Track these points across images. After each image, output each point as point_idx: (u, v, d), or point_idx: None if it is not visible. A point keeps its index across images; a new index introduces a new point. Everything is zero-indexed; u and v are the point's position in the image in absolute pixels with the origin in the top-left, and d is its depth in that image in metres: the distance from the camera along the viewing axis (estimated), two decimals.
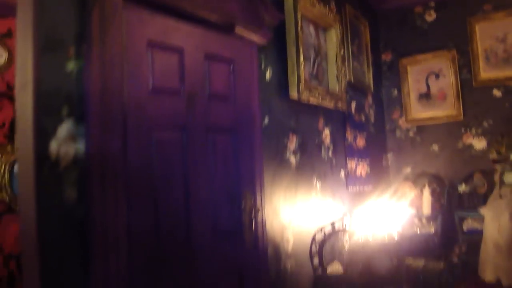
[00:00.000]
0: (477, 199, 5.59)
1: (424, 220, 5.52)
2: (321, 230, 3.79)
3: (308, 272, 3.81)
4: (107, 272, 2.05)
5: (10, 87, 3.25)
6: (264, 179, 3.32)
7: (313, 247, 3.74)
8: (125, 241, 2.13)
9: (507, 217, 4.32)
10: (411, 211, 5.49)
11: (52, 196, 1.99)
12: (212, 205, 2.77)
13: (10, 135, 3.22)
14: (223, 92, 2.95)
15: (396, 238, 3.77)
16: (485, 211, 4.67)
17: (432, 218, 5.48)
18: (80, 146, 2.09)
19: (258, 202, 3.11)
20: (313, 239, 3.75)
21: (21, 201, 2.03)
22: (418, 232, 5.42)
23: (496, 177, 4.71)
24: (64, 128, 2.04)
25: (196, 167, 2.66)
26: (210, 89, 2.82)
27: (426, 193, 5.47)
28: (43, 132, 1.98)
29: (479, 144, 5.82)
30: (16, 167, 2.82)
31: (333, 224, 3.83)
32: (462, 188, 4.72)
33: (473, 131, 5.87)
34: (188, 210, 2.60)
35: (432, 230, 5.40)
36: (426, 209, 5.44)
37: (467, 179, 5.01)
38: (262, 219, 3.16)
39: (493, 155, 4.70)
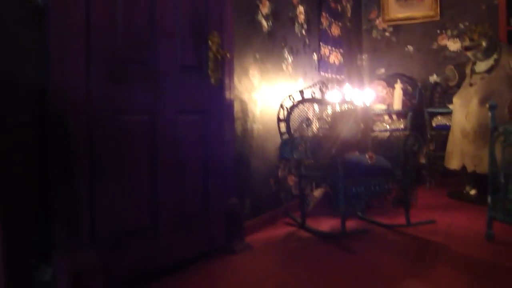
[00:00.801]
0: (448, 97, 5.56)
1: (394, 117, 5.48)
2: (290, 97, 3.66)
3: (274, 137, 3.71)
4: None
5: None
6: (235, 37, 3.14)
7: (281, 113, 3.62)
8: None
9: (475, 103, 4.27)
10: (382, 106, 5.44)
11: None
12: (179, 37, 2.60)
13: None
14: None
15: (365, 105, 3.69)
16: (454, 99, 4.62)
17: (402, 115, 5.44)
18: None
19: (226, 43, 2.92)
20: (281, 105, 3.63)
21: None
22: (388, 128, 5.40)
23: (468, 69, 4.63)
24: None
25: None
26: None
27: (398, 89, 5.40)
28: None
29: (454, 45, 5.74)
30: None
31: (301, 92, 3.70)
32: (433, 78, 4.63)
33: (449, 32, 5.77)
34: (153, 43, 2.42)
35: (402, 126, 5.37)
36: (397, 104, 5.39)
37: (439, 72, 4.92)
38: (230, 62, 2.99)
39: (466, 42, 4.60)
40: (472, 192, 4.70)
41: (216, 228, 2.91)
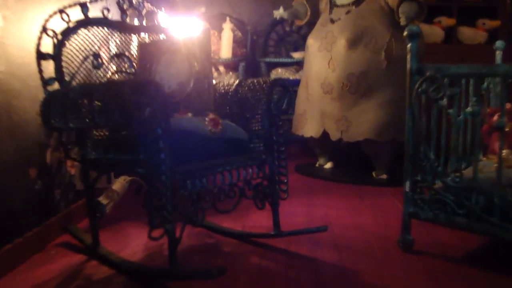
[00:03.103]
0: (286, 48, 4.41)
1: (221, 68, 4.10)
2: (62, 14, 1.94)
3: (34, 89, 1.97)
4: None
5: None
6: None
7: (45, 44, 1.88)
8: None
9: (341, 45, 3.12)
10: None
11: None
12: None
13: None
14: None
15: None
16: (309, 41, 3.41)
17: (232, 66, 4.10)
18: None
19: None
20: (45, 29, 1.89)
21: None
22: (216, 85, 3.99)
23: (324, 1, 3.45)
24: None
25: None
26: None
27: (227, 31, 4.01)
28: None
29: None
30: None
31: (84, 7, 2.01)
32: (279, 12, 3.39)
33: None
34: None
35: (232, 80, 4.01)
36: (226, 51, 4.01)
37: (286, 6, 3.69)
38: None
39: None
40: (328, 165, 3.64)
41: None
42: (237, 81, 2.21)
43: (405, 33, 1.95)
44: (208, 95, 2.00)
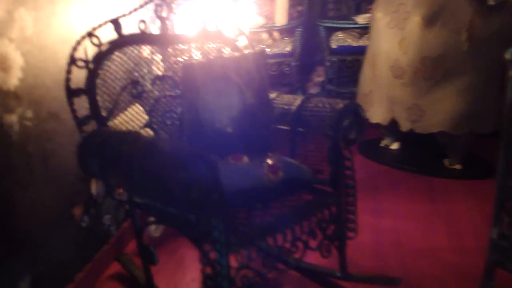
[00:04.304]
0: (348, 7, 3.93)
1: (276, 35, 3.70)
2: (92, 37, 1.65)
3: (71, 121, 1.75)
4: None
5: None
6: None
7: (76, 77, 1.63)
8: None
9: (416, 23, 2.65)
10: (259, 20, 3.59)
11: None
12: None
13: None
14: None
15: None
16: (376, 13, 2.94)
17: (287, 31, 3.68)
18: None
19: None
20: (72, 59, 1.61)
21: None
22: (268, 51, 3.63)
23: None
24: None
25: None
26: None
27: None
28: None
29: None
30: None
31: (117, 24, 1.71)
32: None
33: None
34: None
35: (288, 48, 3.64)
36: (280, 17, 3.58)
37: None
38: None
39: None
40: (394, 146, 3.29)
41: None
42: (298, 101, 1.86)
43: None
44: (265, 132, 1.69)
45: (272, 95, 1.97)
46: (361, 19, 3.51)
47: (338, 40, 3.60)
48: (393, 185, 2.83)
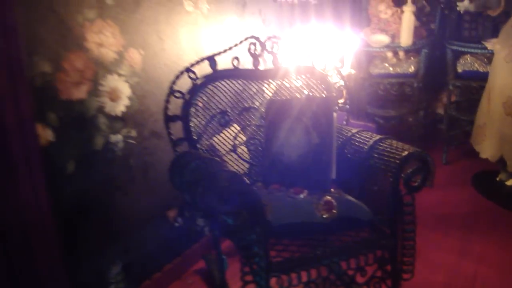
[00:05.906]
0: (485, 27, 3.69)
1: (401, 55, 3.67)
2: (189, 73, 1.96)
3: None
4: None
5: None
6: None
7: (172, 106, 1.95)
8: None
9: None
10: (384, 39, 3.60)
11: None
12: None
13: None
14: None
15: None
16: (497, 45, 2.79)
17: (412, 51, 3.62)
18: None
19: None
20: (171, 91, 1.94)
21: None
22: (391, 70, 3.63)
23: None
24: None
25: None
26: None
27: (408, 12, 3.50)
28: None
29: None
30: None
31: (212, 60, 1.98)
32: (464, 5, 2.79)
33: None
34: None
35: (412, 69, 3.59)
36: (405, 37, 3.54)
37: None
38: None
39: None
40: (510, 182, 3.08)
41: None
42: (372, 141, 1.94)
43: None
44: (326, 173, 1.82)
45: (353, 130, 2.08)
46: (490, 44, 3.29)
47: (465, 64, 3.43)
48: (494, 226, 2.68)
